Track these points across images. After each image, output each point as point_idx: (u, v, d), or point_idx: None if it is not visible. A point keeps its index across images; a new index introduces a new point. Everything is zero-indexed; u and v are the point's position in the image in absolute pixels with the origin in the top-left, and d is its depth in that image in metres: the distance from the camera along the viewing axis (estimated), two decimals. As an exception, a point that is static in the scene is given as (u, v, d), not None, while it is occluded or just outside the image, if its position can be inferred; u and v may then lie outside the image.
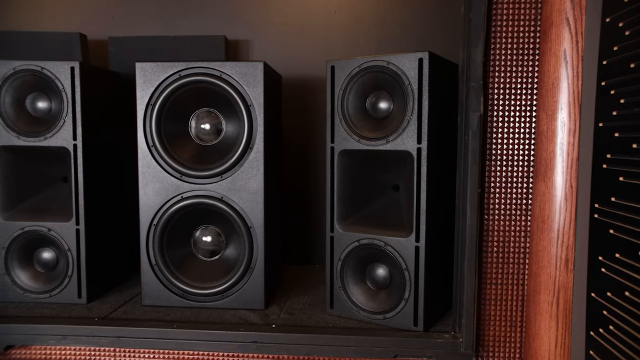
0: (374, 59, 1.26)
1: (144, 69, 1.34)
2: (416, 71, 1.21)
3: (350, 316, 1.34)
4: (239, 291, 1.38)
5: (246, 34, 1.86)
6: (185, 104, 1.39)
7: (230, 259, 1.43)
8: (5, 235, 1.41)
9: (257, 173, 1.34)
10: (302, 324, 1.31)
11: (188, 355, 1.29)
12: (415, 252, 1.24)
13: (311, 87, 1.85)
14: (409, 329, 1.26)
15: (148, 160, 1.36)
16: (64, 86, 1.37)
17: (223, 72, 1.33)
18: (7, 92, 1.39)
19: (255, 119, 1.33)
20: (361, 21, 1.83)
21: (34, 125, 1.42)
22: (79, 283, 1.42)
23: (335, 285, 1.36)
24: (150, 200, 1.37)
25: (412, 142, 1.23)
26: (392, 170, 1.36)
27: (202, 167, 1.36)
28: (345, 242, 1.33)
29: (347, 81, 1.30)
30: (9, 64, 1.37)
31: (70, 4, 1.91)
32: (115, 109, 1.60)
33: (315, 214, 1.90)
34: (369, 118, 1.33)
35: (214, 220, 1.42)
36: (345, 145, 1.32)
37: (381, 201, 1.40)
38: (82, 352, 1.30)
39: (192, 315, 1.34)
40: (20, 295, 1.43)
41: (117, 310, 1.38)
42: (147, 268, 1.39)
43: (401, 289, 1.27)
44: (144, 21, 1.88)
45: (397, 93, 1.27)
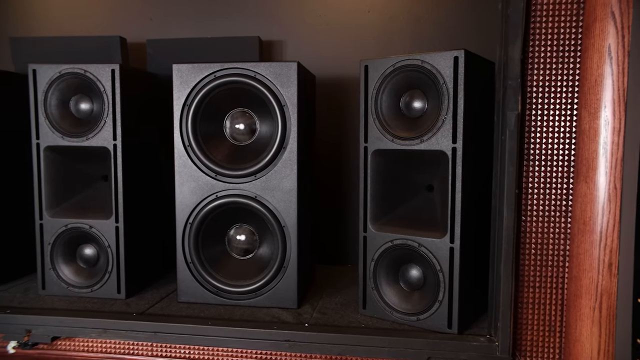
0: (408, 58, 1.25)
1: (180, 70, 1.37)
2: (451, 70, 1.19)
3: (383, 317, 1.33)
4: (272, 290, 1.39)
5: (280, 34, 1.88)
6: (220, 105, 1.41)
7: (264, 257, 1.44)
8: (51, 232, 1.47)
9: (290, 173, 1.35)
10: (335, 323, 1.31)
11: (222, 351, 1.31)
12: (450, 253, 1.22)
13: (344, 86, 1.85)
14: (443, 331, 1.24)
15: (184, 160, 1.39)
16: (104, 88, 1.41)
17: (257, 72, 1.34)
18: (53, 95, 1.44)
19: (288, 119, 1.34)
20: (395, 20, 1.82)
21: (77, 126, 1.47)
22: (118, 279, 1.46)
23: (368, 285, 1.35)
24: (186, 199, 1.40)
25: (447, 141, 1.21)
26: (426, 170, 1.34)
27: (236, 166, 1.38)
28: (378, 242, 1.32)
29: (380, 80, 1.29)
30: (55, 68, 1.43)
31: (110, 9, 1.97)
32: (153, 109, 1.64)
33: (348, 214, 1.90)
34: (402, 117, 1.32)
35: (248, 219, 1.44)
36: (378, 145, 1.31)
37: (415, 201, 1.39)
38: (122, 346, 1.34)
39: (226, 313, 1.36)
40: (65, 289, 1.49)
41: (154, 306, 1.41)
42: (182, 265, 1.42)
43: (435, 290, 1.25)
44: (181, 23, 1.92)
45: (431, 92, 1.26)
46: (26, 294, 1.50)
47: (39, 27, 2.01)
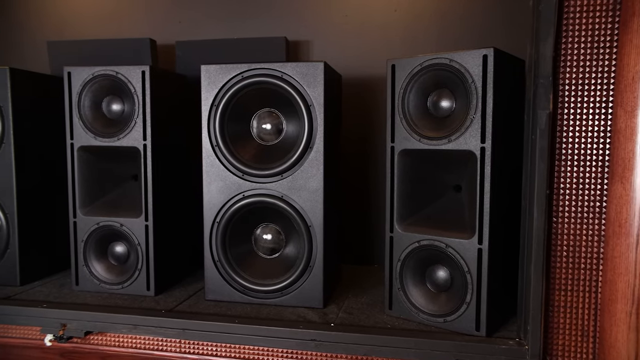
0: (436, 57, 1.23)
1: (208, 71, 1.39)
2: (480, 68, 1.17)
3: (409, 318, 1.32)
4: (298, 289, 1.40)
5: (307, 34, 1.88)
6: (247, 105, 1.42)
7: (290, 257, 1.45)
8: (84, 229, 1.51)
9: (316, 172, 1.36)
10: (361, 323, 1.30)
11: (248, 350, 1.32)
12: (478, 255, 1.20)
13: (371, 86, 1.84)
14: (471, 333, 1.22)
15: (212, 160, 1.41)
16: (135, 89, 1.44)
17: (284, 72, 1.35)
18: (87, 96, 1.48)
19: (315, 118, 1.34)
20: (421, 18, 1.80)
21: (108, 126, 1.50)
22: (148, 276, 1.49)
23: (394, 286, 1.34)
24: (213, 198, 1.42)
25: (476, 141, 1.19)
26: (454, 170, 1.32)
27: (263, 166, 1.39)
28: (405, 242, 1.31)
29: (408, 80, 1.28)
30: (88, 70, 1.47)
31: (140, 12, 2.01)
32: (182, 110, 1.66)
33: (375, 214, 1.89)
34: (430, 117, 1.30)
35: (274, 218, 1.45)
36: (405, 145, 1.30)
37: (442, 202, 1.37)
38: (151, 342, 1.37)
39: (252, 312, 1.37)
40: (97, 286, 1.53)
41: (182, 304, 1.44)
42: (210, 264, 1.44)
43: (463, 292, 1.23)
44: (209, 25, 1.94)
45: (459, 91, 1.24)
46: (61, 290, 1.55)
47: (73, 31, 2.07)
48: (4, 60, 2.12)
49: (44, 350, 1.40)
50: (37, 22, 2.12)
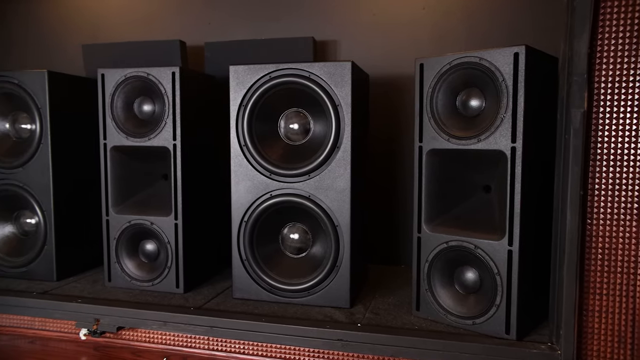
0: (465, 56, 1.22)
1: (237, 71, 1.40)
2: (511, 66, 1.15)
3: (437, 319, 1.31)
4: (324, 289, 1.40)
5: (334, 34, 1.88)
6: (275, 105, 1.43)
7: (317, 256, 1.45)
8: (116, 227, 1.55)
9: (344, 172, 1.35)
10: (388, 324, 1.30)
11: (275, 348, 1.33)
12: (508, 256, 1.18)
13: (398, 85, 1.83)
14: (501, 336, 1.20)
15: (240, 160, 1.43)
16: (165, 90, 1.47)
17: (311, 72, 1.35)
18: (119, 97, 1.52)
19: (342, 118, 1.34)
20: (449, 16, 1.78)
21: (139, 126, 1.54)
22: (177, 274, 1.52)
23: (421, 287, 1.33)
24: (241, 198, 1.43)
25: (506, 141, 1.17)
26: (484, 170, 1.30)
27: (290, 166, 1.40)
28: (433, 243, 1.30)
29: (436, 79, 1.27)
30: (121, 72, 1.50)
31: (171, 15, 2.05)
32: (211, 110, 1.69)
33: (402, 214, 1.88)
34: (459, 116, 1.29)
35: (301, 218, 1.45)
36: (434, 145, 1.28)
37: (471, 202, 1.35)
38: (180, 338, 1.39)
39: (279, 310, 1.38)
40: (128, 282, 1.56)
41: (211, 302, 1.46)
42: (237, 263, 1.45)
43: (492, 294, 1.21)
44: (237, 26, 1.97)
45: (489, 90, 1.22)
46: (95, 286, 1.59)
47: (107, 34, 2.13)
48: (41, 63, 2.20)
49: (79, 343, 1.44)
50: (73, 27, 2.18)
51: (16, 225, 1.73)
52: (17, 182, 1.63)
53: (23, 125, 1.68)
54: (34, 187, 1.61)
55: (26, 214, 1.71)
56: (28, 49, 2.26)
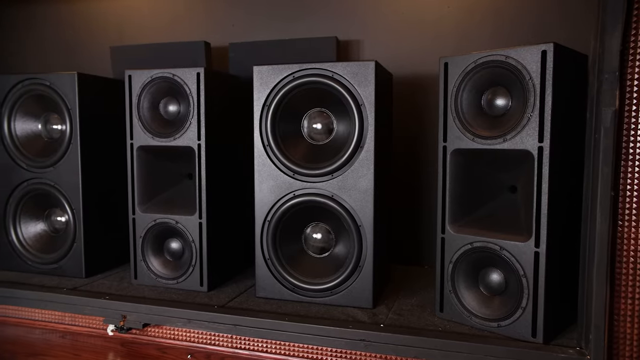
0: (491, 54, 1.20)
1: (260, 71, 1.41)
2: (538, 65, 1.13)
3: (461, 321, 1.29)
4: (347, 289, 1.40)
5: (357, 34, 1.88)
6: (298, 105, 1.44)
7: (340, 256, 1.45)
8: (142, 226, 1.58)
9: (367, 172, 1.35)
10: (411, 325, 1.29)
11: (298, 347, 1.33)
12: (535, 258, 1.16)
13: (422, 84, 1.81)
14: (527, 339, 1.18)
15: (263, 159, 1.43)
16: (190, 90, 1.49)
17: (335, 72, 1.35)
18: (145, 98, 1.55)
19: (366, 118, 1.34)
20: (474, 14, 1.75)
21: (165, 126, 1.56)
22: (201, 272, 1.54)
23: (445, 288, 1.32)
24: (264, 197, 1.44)
25: (533, 140, 1.15)
26: (509, 171, 1.28)
27: (313, 165, 1.40)
28: (457, 244, 1.28)
29: (461, 78, 1.25)
30: (147, 73, 1.53)
31: (196, 16, 2.08)
32: (235, 110, 1.70)
33: (426, 214, 1.86)
34: (484, 116, 1.27)
35: (324, 218, 1.46)
36: (458, 144, 1.27)
37: (496, 203, 1.33)
38: (204, 336, 1.41)
39: (302, 310, 1.38)
40: (154, 280, 1.59)
41: (234, 300, 1.47)
42: (261, 262, 1.46)
43: (518, 296, 1.19)
44: (261, 27, 1.98)
45: (516, 89, 1.20)
46: (121, 283, 1.63)
47: (133, 36, 2.17)
48: (71, 65, 2.25)
49: (106, 339, 1.48)
50: (101, 29, 2.23)
51: (47, 223, 1.78)
52: (49, 181, 1.67)
53: (54, 126, 1.73)
54: (64, 186, 1.66)
55: (57, 212, 1.76)
56: (58, 51, 2.32)
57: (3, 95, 1.69)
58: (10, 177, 1.72)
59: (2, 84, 1.69)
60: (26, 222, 1.75)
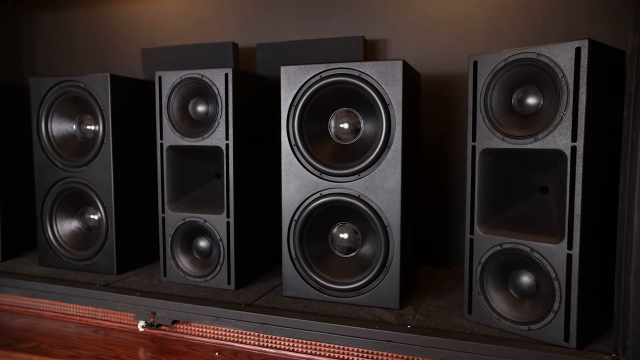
0: (522, 52, 1.17)
1: (288, 72, 1.42)
2: (572, 62, 1.10)
3: (490, 324, 1.27)
4: (374, 289, 1.39)
5: (384, 33, 1.87)
6: (325, 104, 1.44)
7: (366, 256, 1.45)
8: (171, 224, 1.61)
9: (394, 172, 1.34)
10: (439, 327, 1.27)
11: (324, 347, 1.33)
12: (567, 261, 1.13)
13: (451, 83, 1.79)
14: (559, 344, 1.15)
15: (290, 159, 1.44)
16: (219, 91, 1.51)
17: (362, 72, 1.35)
18: (175, 98, 1.58)
19: (393, 117, 1.33)
20: (504, 11, 1.72)
21: (194, 127, 1.59)
22: (229, 271, 1.55)
23: (474, 290, 1.30)
24: (291, 197, 1.45)
25: (566, 140, 1.12)
26: (540, 171, 1.25)
27: (340, 165, 1.40)
28: (486, 245, 1.26)
29: (491, 76, 1.23)
30: (177, 74, 1.56)
31: (224, 17, 2.10)
32: (263, 110, 1.72)
33: (454, 215, 1.84)
34: (514, 115, 1.24)
35: (351, 217, 1.45)
36: (488, 144, 1.25)
37: (527, 203, 1.30)
38: (231, 334, 1.43)
39: (328, 309, 1.39)
40: (182, 278, 1.62)
41: (261, 299, 1.48)
42: (287, 261, 1.47)
43: (550, 299, 1.16)
44: (288, 27, 1.99)
45: (548, 87, 1.17)
46: (151, 280, 1.66)
47: (163, 38, 2.21)
48: (103, 67, 2.32)
49: (137, 335, 1.51)
50: (132, 33, 2.28)
51: (81, 221, 1.83)
52: (82, 180, 1.72)
53: (88, 127, 1.78)
54: (97, 184, 1.70)
55: (90, 210, 1.81)
56: (90, 54, 2.38)
57: (41, 97, 1.75)
58: (47, 176, 1.77)
59: (40, 86, 1.75)
60: (61, 219, 1.80)
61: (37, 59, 2.51)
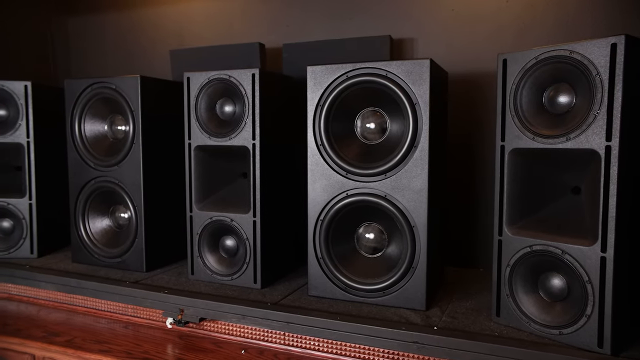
0: (554, 49, 1.15)
1: (314, 72, 1.42)
2: (607, 59, 1.07)
3: (519, 327, 1.25)
4: (400, 290, 1.38)
5: (411, 32, 1.85)
6: (351, 104, 1.43)
7: (392, 257, 1.44)
8: (199, 223, 1.63)
9: (421, 172, 1.33)
10: (466, 329, 1.26)
11: (349, 347, 1.33)
12: (601, 264, 1.10)
13: (479, 82, 1.76)
14: (592, 349, 1.12)
15: (317, 159, 1.44)
16: (246, 91, 1.52)
17: (389, 71, 1.34)
18: (203, 99, 1.60)
19: (420, 117, 1.32)
20: (534, 8, 1.68)
21: (221, 127, 1.61)
22: (255, 270, 1.57)
23: (502, 292, 1.27)
24: (317, 197, 1.45)
25: (599, 139, 1.09)
26: (572, 171, 1.22)
27: (366, 165, 1.39)
28: (515, 247, 1.24)
29: (521, 74, 1.21)
30: (205, 75, 1.58)
31: (250, 19, 2.12)
32: (289, 110, 1.72)
33: (481, 215, 1.81)
34: (545, 114, 1.22)
35: (377, 217, 1.45)
36: (517, 144, 1.22)
37: (558, 204, 1.27)
38: (257, 332, 1.44)
39: (354, 310, 1.38)
40: (209, 276, 1.64)
41: (287, 298, 1.49)
42: (313, 261, 1.47)
43: (582, 303, 1.13)
44: (314, 27, 1.99)
45: (581, 85, 1.14)
46: (179, 278, 1.69)
47: (191, 39, 2.25)
48: (132, 69, 2.37)
49: (165, 331, 1.54)
50: (160, 34, 2.33)
51: (112, 219, 1.87)
52: (113, 179, 1.76)
53: (118, 127, 1.82)
54: (127, 184, 1.74)
55: (120, 208, 1.85)
56: (120, 56, 2.44)
57: (75, 98, 1.80)
58: (80, 175, 1.82)
59: (74, 87, 1.80)
60: (93, 217, 1.85)
61: (70, 62, 2.59)
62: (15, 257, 1.93)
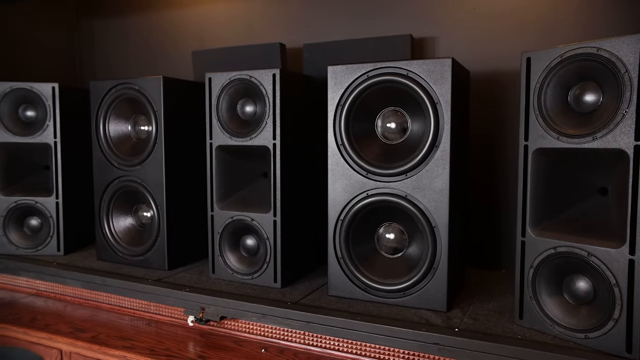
0: (580, 46, 1.12)
1: (335, 71, 1.42)
2: (636, 56, 1.04)
3: (543, 330, 1.22)
4: (420, 290, 1.37)
5: (433, 31, 1.84)
6: (372, 104, 1.43)
7: (413, 257, 1.43)
8: (220, 222, 1.65)
9: (442, 172, 1.32)
10: (487, 331, 1.24)
11: (369, 347, 1.33)
12: (629, 267, 1.07)
13: (502, 81, 1.74)
14: (620, 354, 1.09)
15: (337, 159, 1.44)
16: (266, 91, 1.53)
17: (410, 70, 1.33)
18: (224, 99, 1.61)
19: (441, 117, 1.31)
20: (559, 5, 1.65)
21: (242, 127, 1.62)
22: (275, 269, 1.57)
23: (525, 294, 1.25)
24: (338, 196, 1.45)
25: (628, 138, 1.06)
26: (599, 171, 1.19)
27: (387, 165, 1.39)
28: (539, 248, 1.22)
29: (545, 73, 1.19)
30: (226, 75, 1.59)
31: (271, 18, 2.13)
32: (310, 110, 1.72)
33: (503, 216, 1.78)
34: (570, 113, 1.19)
35: (398, 218, 1.44)
36: (541, 144, 1.20)
37: (583, 205, 1.24)
38: (277, 331, 1.44)
39: (374, 310, 1.38)
40: (230, 275, 1.65)
41: (307, 297, 1.49)
42: (333, 260, 1.47)
43: (609, 307, 1.11)
44: (335, 27, 1.99)
45: (608, 83, 1.11)
46: (200, 276, 1.71)
47: (213, 40, 2.27)
48: (155, 70, 2.40)
49: (187, 329, 1.56)
50: (182, 36, 2.36)
51: (135, 218, 1.91)
52: (136, 179, 1.79)
53: (142, 127, 1.85)
54: (150, 183, 1.76)
55: (143, 207, 1.88)
56: (143, 58, 2.48)
57: (100, 99, 1.84)
58: (104, 174, 1.86)
59: (99, 88, 1.84)
60: (117, 216, 1.89)
61: (95, 64, 2.64)
62: (43, 254, 1.98)
